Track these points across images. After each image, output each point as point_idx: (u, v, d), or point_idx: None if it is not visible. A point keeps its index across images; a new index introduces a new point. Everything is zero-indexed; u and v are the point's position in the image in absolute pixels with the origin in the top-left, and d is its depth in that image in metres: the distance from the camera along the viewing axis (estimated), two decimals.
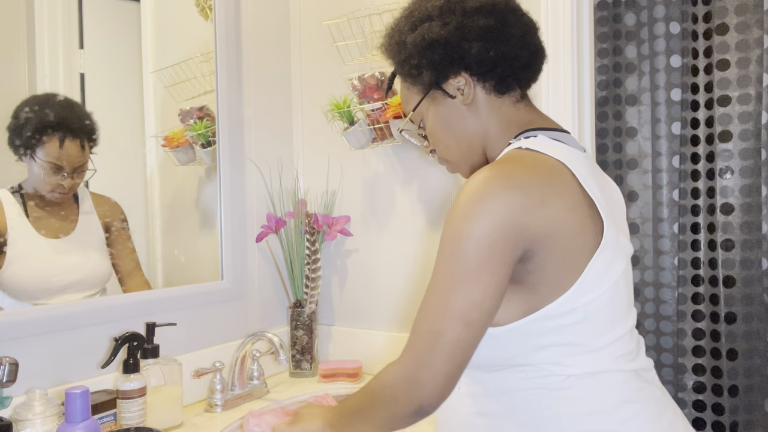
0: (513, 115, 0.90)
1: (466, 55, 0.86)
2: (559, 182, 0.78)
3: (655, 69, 1.34)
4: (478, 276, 0.73)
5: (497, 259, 0.74)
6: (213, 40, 1.50)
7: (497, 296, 0.75)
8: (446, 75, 0.88)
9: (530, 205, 0.74)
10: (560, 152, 0.81)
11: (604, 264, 0.78)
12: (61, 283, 1.21)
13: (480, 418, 0.84)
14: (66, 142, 1.19)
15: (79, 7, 1.28)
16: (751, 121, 1.25)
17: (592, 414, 0.79)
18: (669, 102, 1.34)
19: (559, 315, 0.77)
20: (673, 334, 1.38)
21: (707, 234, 1.33)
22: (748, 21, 1.25)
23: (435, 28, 0.86)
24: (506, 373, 0.81)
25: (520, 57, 0.88)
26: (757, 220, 1.25)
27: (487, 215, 0.73)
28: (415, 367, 0.76)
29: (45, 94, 1.21)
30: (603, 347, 0.80)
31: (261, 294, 1.63)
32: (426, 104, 0.92)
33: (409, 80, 0.92)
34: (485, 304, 0.74)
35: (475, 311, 0.74)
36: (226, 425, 1.26)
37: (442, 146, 0.94)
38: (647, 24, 1.36)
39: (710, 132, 1.31)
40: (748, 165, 1.26)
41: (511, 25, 0.87)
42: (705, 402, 1.33)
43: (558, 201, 0.76)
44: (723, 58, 1.27)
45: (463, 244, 0.74)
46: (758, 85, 1.24)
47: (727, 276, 1.28)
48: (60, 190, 1.21)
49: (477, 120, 0.90)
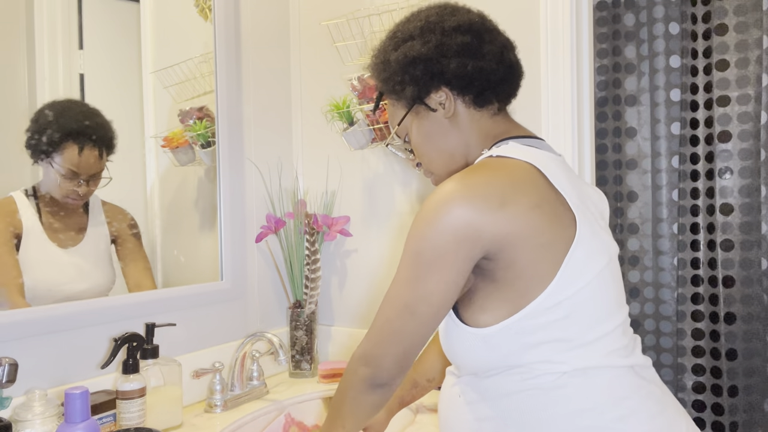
0: (490, 127, 0.95)
1: (446, 70, 0.91)
2: (523, 182, 0.82)
3: (655, 69, 1.34)
4: (429, 273, 0.81)
5: (449, 259, 0.80)
6: (212, 40, 1.50)
7: (447, 292, 0.82)
8: (428, 90, 0.94)
9: (487, 209, 0.79)
10: (528, 154, 0.85)
11: (581, 257, 0.81)
12: (67, 291, 1.21)
13: (481, 423, 0.86)
14: (85, 150, 1.20)
15: (78, 8, 1.28)
16: (750, 121, 1.26)
17: (586, 411, 0.80)
18: (668, 102, 1.35)
19: (545, 310, 0.80)
20: (672, 335, 1.38)
21: (707, 234, 1.33)
22: (748, 21, 1.25)
23: (416, 46, 0.92)
24: (502, 376, 0.84)
25: (496, 72, 0.93)
26: (756, 221, 1.25)
27: (443, 221, 0.80)
28: (371, 346, 0.87)
29: (67, 100, 1.22)
30: (592, 342, 0.82)
31: (260, 294, 1.63)
32: (410, 119, 0.98)
33: (393, 96, 0.98)
34: (433, 298, 0.82)
35: (421, 304, 0.82)
36: (226, 425, 1.26)
37: (426, 159, 0.99)
38: (646, 24, 1.36)
39: (709, 132, 1.31)
40: (748, 165, 1.26)
41: (487, 42, 0.93)
42: (704, 402, 1.33)
43: (520, 199, 0.80)
44: (722, 59, 1.27)
45: (419, 245, 0.82)
46: (757, 86, 1.24)
47: (726, 276, 1.28)
48: (74, 196, 1.22)
49: (458, 132, 0.95)
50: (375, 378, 0.87)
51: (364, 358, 0.88)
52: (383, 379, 0.87)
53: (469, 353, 0.86)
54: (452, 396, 0.92)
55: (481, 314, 0.84)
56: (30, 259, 1.16)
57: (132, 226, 1.34)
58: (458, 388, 0.91)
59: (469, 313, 0.85)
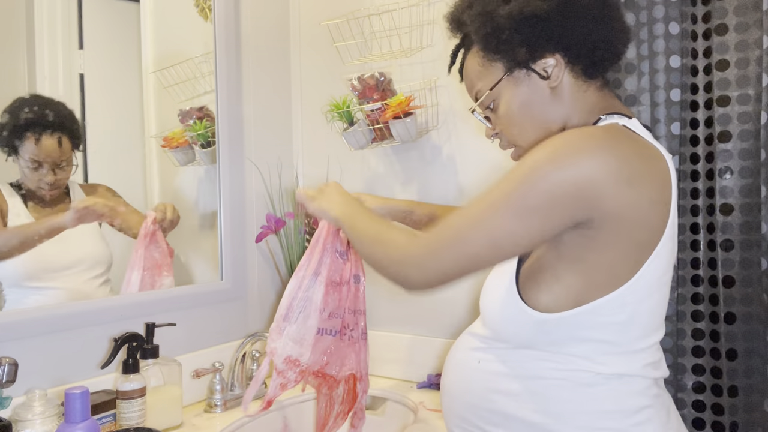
0: (596, 101, 0.85)
1: (567, 34, 0.80)
2: (654, 171, 0.75)
3: (655, 69, 1.34)
4: (530, 215, 0.73)
5: (556, 212, 0.72)
6: (213, 40, 1.50)
7: (535, 241, 0.75)
8: (540, 54, 0.82)
9: (617, 178, 0.71)
10: (657, 144, 0.79)
11: (659, 267, 0.77)
12: (61, 262, 1.23)
13: (498, 395, 0.82)
14: (43, 139, 1.21)
15: (78, 8, 1.28)
16: (750, 121, 1.25)
17: (611, 413, 0.79)
18: (668, 102, 1.35)
19: (609, 310, 0.76)
20: (672, 334, 1.38)
21: (707, 234, 1.33)
22: (748, 21, 1.25)
23: (534, 2, 0.79)
24: (535, 358, 0.80)
25: (619, 40, 0.83)
26: (756, 221, 1.25)
27: (571, 168, 0.71)
28: (426, 252, 0.78)
29: (31, 96, 1.22)
30: (637, 351, 0.80)
31: (261, 294, 1.63)
32: (504, 83, 0.86)
33: (490, 55, 0.85)
34: (520, 241, 0.74)
35: (507, 241, 0.74)
36: (226, 425, 1.26)
37: (516, 130, 0.87)
38: (647, 24, 1.36)
39: (709, 132, 1.31)
40: (748, 165, 1.26)
41: (611, 6, 0.82)
42: (704, 402, 1.33)
43: (644, 188, 0.74)
44: (722, 59, 1.27)
45: (533, 181, 0.73)
46: (758, 86, 1.24)
47: (726, 276, 1.28)
48: (44, 186, 1.23)
49: (560, 104, 0.84)
50: (410, 281, 0.80)
51: (414, 258, 0.79)
52: (418, 287, 0.80)
53: (513, 326, 0.81)
54: (469, 360, 0.87)
55: (544, 295, 0.78)
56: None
57: (110, 191, 1.35)
58: (480, 354, 0.86)
59: (532, 291, 0.79)
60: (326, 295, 1.11)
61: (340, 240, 1.13)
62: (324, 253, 1.11)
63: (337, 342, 1.15)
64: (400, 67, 1.57)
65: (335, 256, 1.12)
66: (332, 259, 1.12)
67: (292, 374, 1.12)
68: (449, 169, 1.52)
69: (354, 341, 1.18)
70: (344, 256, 1.15)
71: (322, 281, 1.10)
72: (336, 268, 1.13)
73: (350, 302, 1.17)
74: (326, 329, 1.12)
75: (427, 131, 1.53)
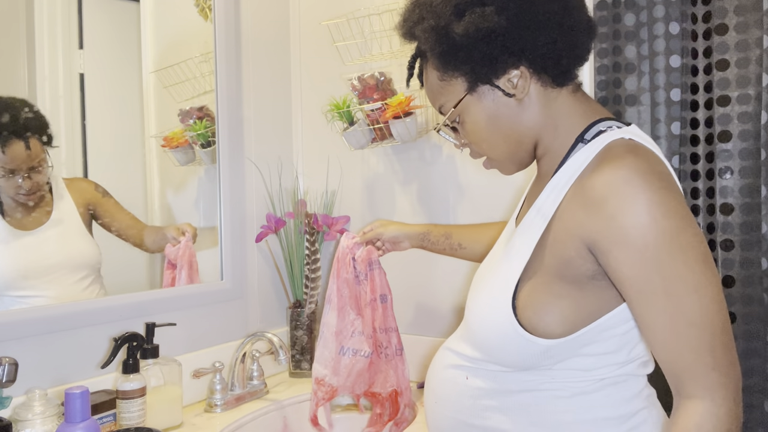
0: (571, 106, 0.80)
1: (529, 47, 0.75)
2: (673, 187, 0.71)
3: (655, 69, 1.34)
4: (708, 261, 0.67)
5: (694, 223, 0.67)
6: (213, 40, 1.50)
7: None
8: (503, 70, 0.77)
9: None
10: (662, 156, 0.76)
11: None
12: (38, 269, 1.19)
13: (491, 411, 0.80)
14: (8, 146, 1.15)
15: (78, 8, 1.28)
16: (750, 121, 1.25)
17: (608, 420, 0.78)
18: (668, 102, 1.34)
19: (614, 323, 0.75)
20: None
21: (707, 234, 1.33)
22: (748, 21, 1.25)
23: (491, 16, 0.73)
24: (531, 374, 0.79)
25: (585, 43, 0.78)
26: (756, 220, 1.25)
27: (672, 199, 0.67)
28: (735, 404, 0.69)
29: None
30: (636, 357, 0.80)
31: (261, 294, 1.63)
32: (468, 99, 0.81)
33: (449, 72, 0.80)
34: (714, 272, 0.68)
35: (718, 288, 0.68)
36: (226, 425, 1.26)
37: (485, 145, 0.83)
38: (647, 24, 1.36)
39: (710, 132, 1.31)
40: (748, 165, 1.26)
41: (574, 8, 0.77)
42: None
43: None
44: (722, 59, 1.27)
45: (679, 243, 0.66)
46: (758, 86, 1.24)
47: (726, 276, 1.28)
48: (22, 192, 1.18)
49: (530, 115, 0.79)
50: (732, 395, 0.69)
51: (737, 420, 0.69)
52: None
53: (517, 356, 0.76)
54: (456, 376, 0.84)
55: (551, 317, 0.74)
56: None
57: (98, 188, 1.31)
58: (466, 372, 0.83)
59: (537, 316, 0.74)
60: (340, 319, 1.27)
61: (357, 262, 1.26)
62: (338, 280, 1.28)
63: (374, 362, 1.28)
64: (400, 67, 1.57)
65: (354, 280, 1.27)
66: (347, 284, 1.27)
67: (321, 393, 1.29)
68: (449, 169, 1.52)
69: (390, 359, 1.28)
70: (365, 277, 1.26)
71: (334, 307, 1.28)
72: (352, 292, 1.27)
73: (379, 321, 1.26)
74: (350, 349, 1.27)
75: (427, 131, 1.53)
